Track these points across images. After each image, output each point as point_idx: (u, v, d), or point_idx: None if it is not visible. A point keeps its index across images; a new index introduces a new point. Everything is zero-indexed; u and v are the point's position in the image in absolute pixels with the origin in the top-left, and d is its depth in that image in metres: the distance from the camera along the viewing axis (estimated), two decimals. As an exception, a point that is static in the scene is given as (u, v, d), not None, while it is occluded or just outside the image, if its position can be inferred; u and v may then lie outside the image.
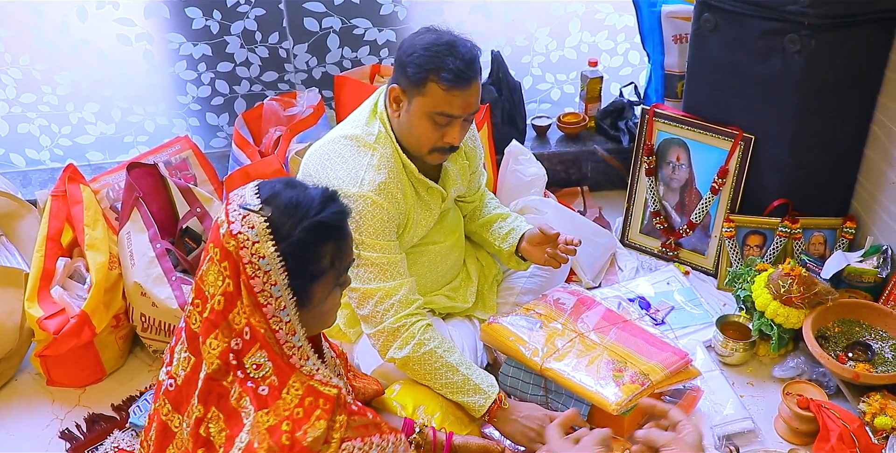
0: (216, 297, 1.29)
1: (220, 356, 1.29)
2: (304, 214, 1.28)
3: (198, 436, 1.32)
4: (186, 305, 1.37)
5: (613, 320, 2.09)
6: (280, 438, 1.24)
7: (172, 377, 1.39)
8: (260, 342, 1.29)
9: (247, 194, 1.31)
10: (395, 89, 1.85)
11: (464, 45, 1.81)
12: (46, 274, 2.25)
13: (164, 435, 1.41)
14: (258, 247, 1.26)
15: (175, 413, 1.39)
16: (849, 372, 2.00)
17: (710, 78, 2.45)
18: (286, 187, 1.32)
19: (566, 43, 2.99)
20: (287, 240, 1.27)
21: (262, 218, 1.26)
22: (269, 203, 1.29)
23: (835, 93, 2.27)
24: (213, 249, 1.29)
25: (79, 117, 2.87)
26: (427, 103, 1.82)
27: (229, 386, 1.30)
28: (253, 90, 2.90)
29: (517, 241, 2.15)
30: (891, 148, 2.27)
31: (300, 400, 1.28)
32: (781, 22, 2.19)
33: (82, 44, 2.70)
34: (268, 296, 1.28)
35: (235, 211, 1.28)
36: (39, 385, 2.30)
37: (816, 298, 2.15)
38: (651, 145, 2.62)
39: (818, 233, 2.46)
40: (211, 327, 1.30)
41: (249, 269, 1.26)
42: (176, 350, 1.40)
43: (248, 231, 1.26)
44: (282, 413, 1.27)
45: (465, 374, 1.86)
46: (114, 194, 2.54)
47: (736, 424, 2.03)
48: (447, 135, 1.86)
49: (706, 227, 2.60)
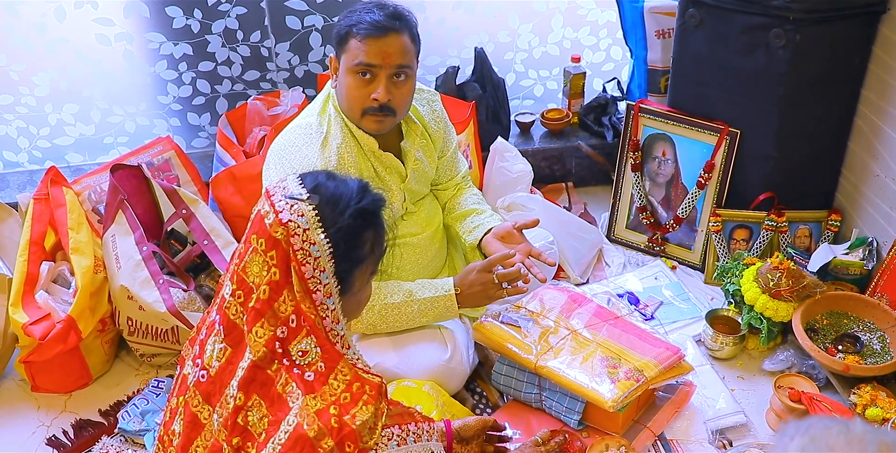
0: (261, 287, 1.32)
1: (267, 344, 1.32)
2: (348, 203, 1.34)
3: (235, 425, 1.34)
4: (222, 298, 1.39)
5: (605, 317, 2.09)
6: (329, 421, 1.28)
7: (205, 368, 1.40)
8: (309, 327, 1.33)
9: (290, 185, 1.35)
10: (331, 58, 1.93)
11: (391, 5, 1.89)
12: (30, 278, 2.21)
13: (193, 428, 1.42)
14: (309, 233, 1.30)
15: (206, 404, 1.40)
16: (839, 364, 2.02)
17: (695, 73, 2.46)
18: (328, 178, 1.38)
19: (549, 39, 2.99)
20: (335, 226, 1.32)
21: (310, 206, 1.31)
22: (315, 192, 1.34)
23: (819, 87, 2.29)
24: (258, 240, 1.32)
25: (57, 118, 2.82)
26: (348, 59, 1.89)
27: (273, 374, 1.33)
28: (235, 89, 2.87)
29: (482, 235, 2.15)
30: (874, 141, 2.30)
31: (347, 385, 1.33)
32: (766, 17, 2.20)
33: (60, 43, 2.65)
34: (317, 283, 1.32)
35: (282, 201, 1.32)
36: (24, 391, 2.27)
37: (805, 291, 2.16)
38: (637, 140, 2.63)
39: (804, 226, 2.48)
40: (257, 316, 1.33)
41: (300, 256, 1.30)
42: (208, 342, 1.41)
43: (298, 219, 1.30)
44: (329, 398, 1.31)
45: (419, 298, 1.98)
46: (95, 196, 2.50)
47: (728, 418, 2.04)
48: (372, 90, 1.89)
49: (692, 222, 2.61)
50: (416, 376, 1.95)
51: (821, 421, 0.98)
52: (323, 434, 1.27)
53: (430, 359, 1.98)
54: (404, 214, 2.11)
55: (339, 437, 1.28)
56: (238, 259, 1.36)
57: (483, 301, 2.02)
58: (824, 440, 0.96)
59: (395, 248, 2.12)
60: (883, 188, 2.28)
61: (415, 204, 2.14)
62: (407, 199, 2.09)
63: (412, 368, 1.94)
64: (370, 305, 1.97)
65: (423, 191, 2.17)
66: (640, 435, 1.95)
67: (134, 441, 2.10)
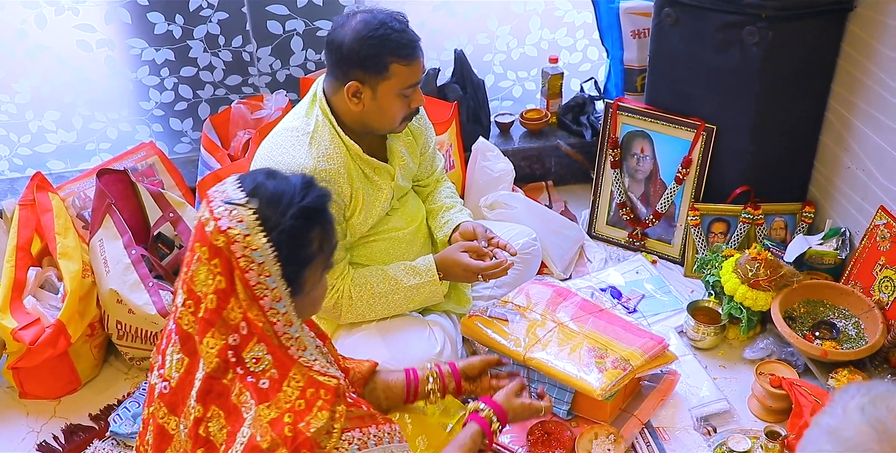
0: (209, 296, 1.29)
1: (219, 354, 1.30)
2: (290, 202, 1.29)
3: (197, 437, 1.32)
4: (176, 307, 1.36)
5: (590, 309, 2.14)
6: (283, 430, 1.25)
7: (166, 379, 1.39)
8: (258, 336, 1.30)
9: (229, 189, 1.31)
10: (353, 85, 1.89)
11: (394, 16, 1.89)
12: (18, 284, 2.21)
13: (162, 439, 1.41)
14: (250, 239, 1.26)
15: (171, 415, 1.39)
16: (817, 350, 2.07)
17: (672, 71, 2.52)
18: (268, 178, 1.32)
19: (526, 40, 3.03)
20: (277, 229, 1.27)
21: (249, 210, 1.27)
22: (254, 195, 1.29)
23: (791, 82, 2.35)
24: (201, 248, 1.29)
25: (38, 125, 2.81)
26: (395, 84, 1.90)
27: (229, 383, 1.31)
28: (217, 94, 2.88)
29: (451, 231, 2.20)
30: (844, 134, 2.36)
31: (301, 391, 1.29)
32: (739, 15, 2.26)
33: (41, 50, 2.65)
34: (263, 289, 1.28)
35: (221, 207, 1.28)
36: (12, 398, 2.27)
37: (782, 280, 2.22)
38: (615, 138, 2.68)
39: (779, 218, 2.54)
40: (207, 326, 1.30)
41: (243, 263, 1.27)
42: (167, 352, 1.39)
43: (237, 225, 1.26)
44: (283, 405, 1.27)
45: (406, 285, 2.05)
46: (80, 202, 2.50)
47: (712, 405, 2.09)
48: (413, 101, 1.97)
49: (671, 217, 2.67)
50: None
51: (882, 384, 0.98)
52: (277, 444, 1.24)
53: (420, 354, 2.02)
54: (389, 210, 2.15)
55: (294, 446, 1.24)
56: (186, 267, 1.33)
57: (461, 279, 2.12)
58: (885, 402, 0.94)
59: (382, 243, 2.15)
60: (854, 179, 2.35)
61: (399, 200, 2.18)
62: (393, 196, 2.13)
63: (403, 363, 1.96)
64: (358, 296, 2.01)
65: (406, 187, 2.22)
66: (628, 424, 1.99)
67: (126, 443, 2.10)
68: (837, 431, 0.82)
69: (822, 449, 0.81)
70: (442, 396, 1.77)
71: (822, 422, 0.84)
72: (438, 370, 1.77)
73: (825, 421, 0.84)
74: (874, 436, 0.87)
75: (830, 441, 0.81)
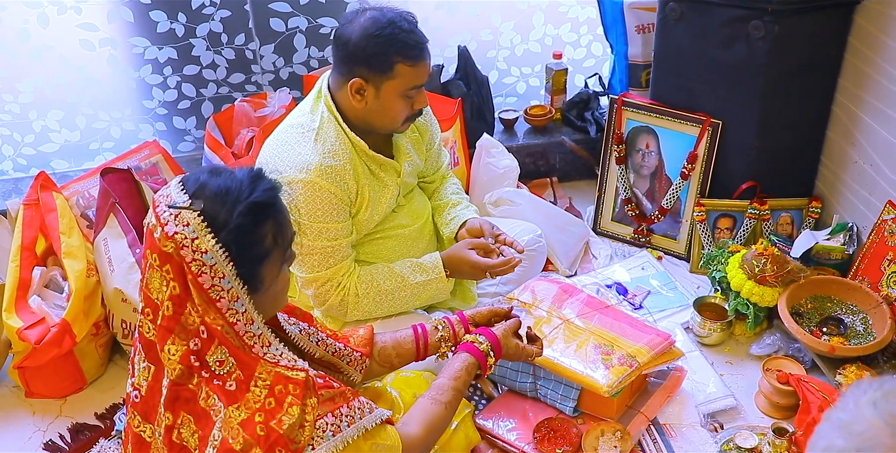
0: (165, 303, 1.27)
1: (182, 360, 1.29)
2: (237, 199, 1.26)
3: (171, 444, 1.32)
4: (138, 315, 1.36)
5: (596, 306, 2.13)
6: (254, 430, 1.24)
7: (136, 388, 1.38)
8: (218, 339, 1.28)
9: (172, 192, 1.28)
10: (356, 82, 1.89)
11: (403, 16, 1.88)
12: (23, 284, 2.22)
13: (139, 447, 1.40)
14: (198, 242, 1.23)
15: (146, 423, 1.39)
16: (824, 346, 2.06)
17: (677, 66, 2.50)
18: (211, 176, 1.29)
19: (530, 36, 3.02)
20: (226, 229, 1.25)
21: (194, 213, 1.24)
22: (198, 196, 1.26)
23: (798, 77, 2.34)
24: (151, 256, 1.27)
25: (42, 125, 2.81)
26: (399, 84, 1.89)
27: (195, 388, 1.30)
28: (220, 92, 2.88)
29: (457, 228, 2.19)
30: (851, 128, 2.35)
31: (269, 390, 1.28)
32: (745, 9, 2.25)
33: (44, 50, 2.65)
34: (219, 291, 1.26)
35: (165, 212, 1.25)
36: (18, 397, 2.27)
37: (789, 276, 2.21)
38: (620, 134, 2.67)
39: (785, 213, 2.53)
40: (166, 333, 1.29)
41: (194, 267, 1.24)
42: (135, 361, 1.39)
43: (183, 229, 1.23)
44: (252, 406, 1.26)
45: (412, 282, 2.04)
46: (84, 202, 2.51)
47: (719, 402, 2.08)
48: (417, 102, 1.96)
49: (677, 213, 2.66)
50: (414, 366, 1.97)
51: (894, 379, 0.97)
52: (250, 445, 1.23)
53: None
54: (395, 207, 2.14)
55: (268, 445, 1.24)
56: (142, 274, 1.32)
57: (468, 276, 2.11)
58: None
59: (388, 240, 2.14)
60: (861, 174, 2.33)
61: (405, 196, 2.18)
62: (399, 193, 2.12)
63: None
64: (365, 292, 2.01)
65: (412, 183, 2.21)
66: (635, 420, 1.98)
67: (132, 442, 2.10)
68: (850, 426, 0.81)
69: (834, 444, 0.80)
70: (453, 344, 1.72)
71: (834, 417, 0.83)
72: (447, 319, 1.74)
73: (837, 416, 0.83)
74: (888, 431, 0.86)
75: (842, 435, 0.80)
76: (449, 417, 1.54)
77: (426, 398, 1.54)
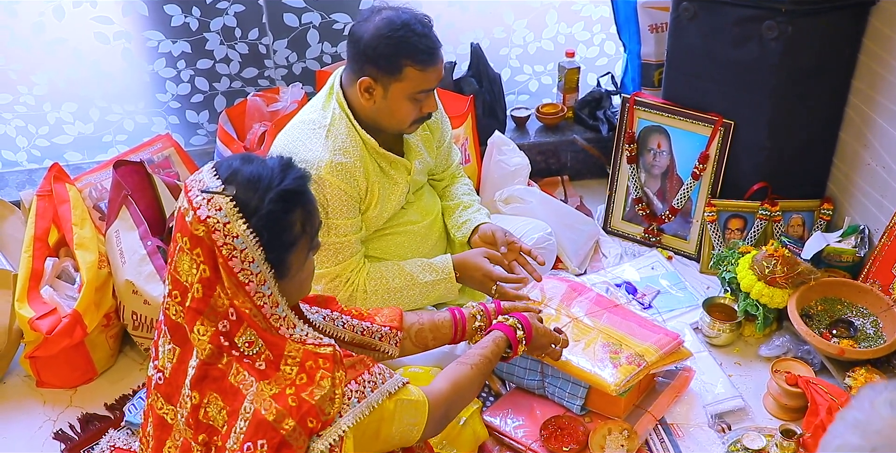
0: (195, 285, 1.30)
1: (211, 340, 1.31)
2: (268, 186, 1.28)
3: (198, 423, 1.34)
4: (164, 298, 1.38)
5: (605, 305, 2.13)
6: (287, 401, 1.27)
7: (160, 370, 1.41)
8: (247, 321, 1.31)
9: (205, 177, 1.30)
10: (365, 81, 1.89)
11: (418, 19, 1.87)
12: (35, 274, 2.23)
13: (162, 429, 1.43)
14: (230, 227, 1.26)
15: (168, 405, 1.41)
16: (834, 348, 2.06)
17: (689, 66, 2.50)
18: (244, 163, 1.32)
19: (543, 34, 3.02)
20: (257, 215, 1.27)
21: (227, 198, 1.26)
22: (231, 182, 1.28)
23: (810, 77, 2.33)
24: (182, 239, 1.30)
25: (56, 117, 2.83)
26: (407, 87, 1.89)
27: (225, 367, 1.32)
28: (233, 87, 2.89)
29: (470, 233, 2.19)
30: (865, 130, 2.34)
31: (300, 366, 1.31)
32: (758, 9, 2.24)
33: (58, 43, 2.67)
34: (248, 274, 1.29)
35: (198, 196, 1.28)
36: (29, 387, 2.29)
37: (800, 278, 2.21)
38: (632, 133, 2.67)
39: (797, 215, 2.52)
40: (195, 315, 1.31)
41: (225, 251, 1.27)
42: (160, 343, 1.41)
43: (216, 213, 1.26)
44: (284, 383, 1.29)
45: (421, 282, 2.04)
46: (96, 194, 2.52)
47: (727, 403, 2.08)
48: (425, 106, 1.96)
49: (687, 213, 2.65)
50: (423, 362, 1.99)
51: None
52: (282, 415, 1.26)
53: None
54: (405, 204, 2.15)
55: (300, 415, 1.27)
56: (170, 257, 1.34)
57: (477, 287, 2.08)
58: None
59: (397, 237, 2.15)
60: (874, 176, 2.32)
61: (414, 193, 2.18)
62: (409, 190, 2.13)
63: (418, 357, 1.96)
64: (373, 289, 2.02)
65: (422, 181, 2.21)
66: (642, 420, 1.98)
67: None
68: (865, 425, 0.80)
69: (848, 443, 0.79)
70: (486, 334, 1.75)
71: (849, 416, 0.83)
72: (484, 308, 1.77)
73: (852, 415, 0.83)
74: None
75: (857, 434, 0.79)
76: (476, 378, 1.58)
77: (452, 363, 1.59)
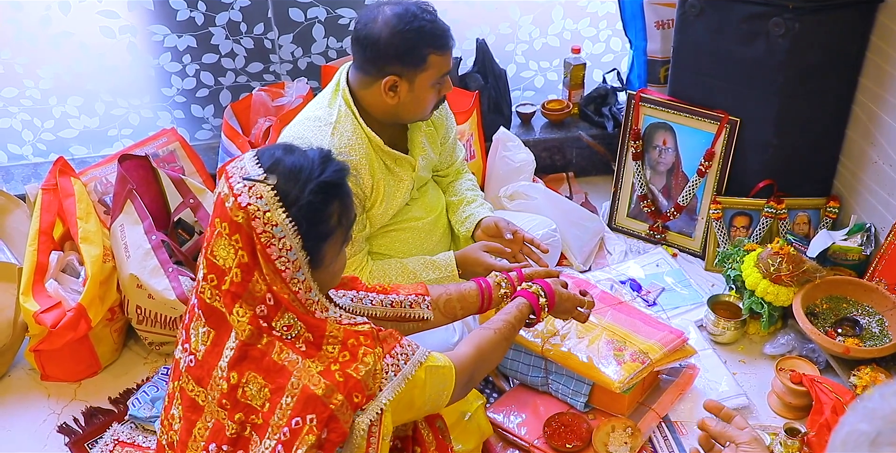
0: (233, 270, 1.32)
1: (251, 322, 1.33)
2: (308, 177, 1.31)
3: (235, 402, 1.35)
4: (197, 282, 1.39)
5: (609, 302, 2.13)
6: (334, 376, 1.30)
7: (192, 353, 1.42)
8: (285, 305, 1.33)
9: (247, 165, 1.32)
10: (390, 79, 1.89)
11: (421, 7, 1.89)
12: (40, 268, 2.23)
13: (193, 410, 1.44)
14: (269, 215, 1.28)
15: (199, 387, 1.42)
16: (839, 346, 2.05)
17: (696, 62, 2.49)
18: (286, 153, 1.34)
19: (549, 30, 3.01)
20: (297, 205, 1.30)
21: (268, 187, 1.29)
22: (273, 170, 1.31)
23: (817, 75, 2.32)
24: (221, 224, 1.32)
25: (62, 111, 2.83)
26: (431, 75, 1.91)
27: (265, 347, 1.34)
28: (238, 81, 2.89)
29: (473, 227, 2.19)
30: (872, 128, 2.33)
31: (342, 344, 1.34)
32: (765, 6, 2.23)
33: (64, 37, 2.67)
34: (285, 262, 1.31)
35: (240, 183, 1.30)
36: (34, 380, 2.29)
37: (805, 276, 2.20)
38: (637, 130, 2.66)
39: (802, 212, 2.51)
40: (234, 298, 1.33)
41: (264, 238, 1.29)
42: (191, 327, 1.42)
43: (256, 201, 1.28)
44: (327, 360, 1.32)
45: (424, 279, 2.02)
46: (101, 188, 2.52)
47: (731, 400, 2.08)
48: (444, 88, 1.99)
49: (693, 210, 2.65)
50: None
51: None
52: (331, 390, 1.29)
53: (436, 343, 2.00)
54: (409, 200, 2.15)
55: (347, 390, 1.30)
56: (206, 242, 1.36)
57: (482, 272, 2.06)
58: None
59: (402, 233, 2.15)
60: (880, 174, 2.31)
61: (418, 189, 2.18)
62: (413, 187, 2.13)
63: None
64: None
65: (426, 177, 2.21)
66: (646, 417, 1.98)
67: (144, 427, 2.12)
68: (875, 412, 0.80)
69: (857, 428, 0.79)
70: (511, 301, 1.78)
71: (860, 406, 0.83)
72: (507, 276, 1.79)
73: (863, 405, 0.83)
74: None
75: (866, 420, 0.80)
76: (499, 343, 1.60)
77: (476, 329, 1.62)
